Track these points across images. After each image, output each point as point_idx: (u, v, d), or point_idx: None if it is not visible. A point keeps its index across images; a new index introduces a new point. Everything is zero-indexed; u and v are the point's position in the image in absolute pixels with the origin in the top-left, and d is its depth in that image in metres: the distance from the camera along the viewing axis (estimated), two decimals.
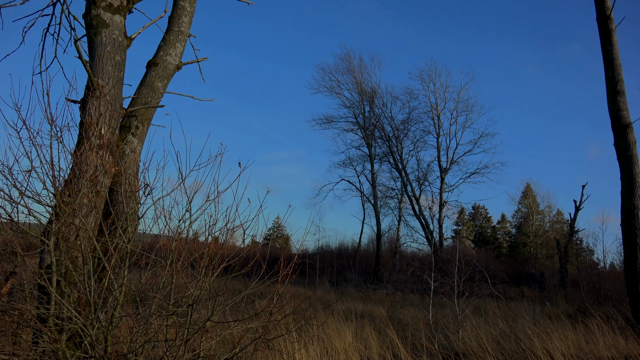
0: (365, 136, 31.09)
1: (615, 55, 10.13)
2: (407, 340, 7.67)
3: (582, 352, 7.11)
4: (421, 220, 29.36)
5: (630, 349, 7.33)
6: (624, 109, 9.92)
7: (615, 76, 10.05)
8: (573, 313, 13.10)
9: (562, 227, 44.93)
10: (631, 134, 9.78)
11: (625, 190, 9.70)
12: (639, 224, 9.50)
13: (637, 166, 9.68)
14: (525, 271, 27.73)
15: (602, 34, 10.35)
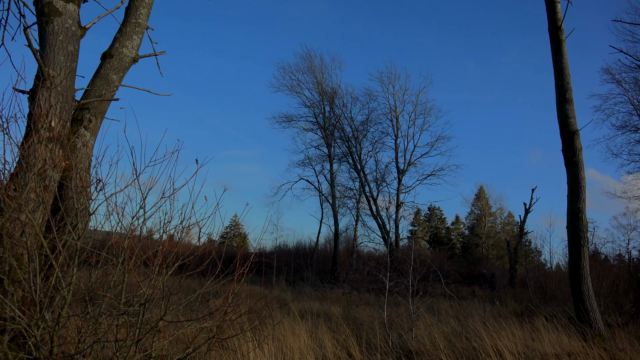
0: (325, 136, 31.20)
1: (565, 65, 10.56)
2: (362, 339, 7.75)
3: (528, 350, 7.38)
4: (378, 220, 29.73)
5: (572, 346, 7.66)
6: (572, 116, 10.36)
7: (564, 85, 10.47)
8: (521, 312, 13.59)
9: (513, 228, 46.52)
10: (578, 140, 10.23)
11: (571, 194, 10.14)
12: (584, 227, 9.95)
13: (582, 171, 10.13)
14: (477, 271, 28.55)
15: (553, 44, 10.77)
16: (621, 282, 16.17)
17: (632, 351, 7.93)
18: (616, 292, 14.38)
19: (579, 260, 9.81)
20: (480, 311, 10.81)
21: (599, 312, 9.68)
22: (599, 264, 18.45)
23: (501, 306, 15.37)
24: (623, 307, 13.11)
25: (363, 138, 31.17)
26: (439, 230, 51.49)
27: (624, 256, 31.73)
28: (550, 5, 10.81)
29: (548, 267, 27.22)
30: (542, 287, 19.16)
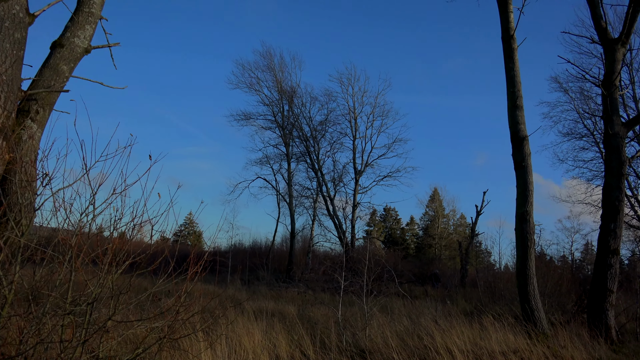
0: (283, 135, 31.11)
1: (516, 72, 10.95)
2: (316, 338, 7.77)
3: (476, 347, 7.60)
4: (335, 220, 29.91)
5: (518, 344, 7.95)
6: (522, 122, 10.75)
7: (515, 92, 10.85)
8: (471, 311, 13.99)
9: (465, 230, 47.85)
10: (527, 146, 10.63)
11: (520, 197, 10.52)
12: (531, 229, 10.35)
13: (530, 176, 10.53)
14: (430, 271, 29.20)
15: (505, 52, 11.14)
16: (564, 282, 16.91)
17: (572, 348, 8.31)
18: (559, 291, 15.02)
19: (525, 261, 10.20)
20: (432, 310, 11.05)
21: (543, 311, 10.10)
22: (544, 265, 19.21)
23: (452, 305, 15.76)
24: (565, 306, 13.70)
25: (321, 138, 31.30)
26: (394, 230, 52.31)
27: (568, 257, 33.27)
28: (504, 15, 11.18)
29: (497, 268, 28.17)
30: (491, 287, 19.78)
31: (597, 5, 11.57)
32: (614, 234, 10.79)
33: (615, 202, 10.88)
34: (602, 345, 9.20)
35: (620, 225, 10.97)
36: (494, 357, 7.17)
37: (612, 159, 11.16)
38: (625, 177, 11.38)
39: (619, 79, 12.09)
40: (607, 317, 10.38)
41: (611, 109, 11.34)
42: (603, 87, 11.51)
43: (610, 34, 11.66)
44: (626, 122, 11.79)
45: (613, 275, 10.63)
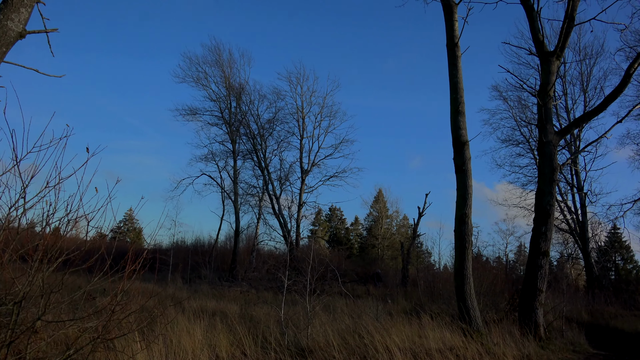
0: (230, 132, 30.68)
1: (459, 79, 11.33)
2: (258, 338, 7.72)
3: (415, 345, 7.80)
4: (280, 219, 29.84)
5: (454, 341, 8.23)
6: (463, 128, 11.14)
7: (458, 98, 11.23)
8: (410, 310, 14.34)
9: (407, 231, 49.01)
10: (467, 151, 11.02)
11: (459, 200, 10.89)
12: (469, 231, 10.74)
13: (470, 179, 10.93)
14: (372, 271, 29.71)
15: (449, 59, 11.51)
16: (499, 282, 17.68)
17: (504, 345, 8.70)
18: (494, 291, 15.68)
19: (463, 261, 10.57)
20: (374, 309, 11.24)
21: (478, 310, 10.50)
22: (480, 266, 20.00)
23: (393, 304, 16.10)
24: (499, 305, 14.31)
25: (269, 136, 31.14)
26: (338, 230, 52.80)
27: (502, 259, 34.79)
28: (449, 23, 11.55)
29: (437, 268, 29.09)
30: (430, 287, 20.38)
31: (536, 19, 12.17)
32: (545, 237, 11.39)
33: (546, 206, 11.49)
34: (531, 341, 9.69)
35: (551, 228, 11.60)
36: (431, 355, 7.39)
37: (544, 165, 11.77)
38: (556, 183, 12.04)
39: (553, 90, 12.76)
40: (536, 315, 10.94)
41: (545, 118, 11.96)
42: (539, 97, 12.12)
43: (547, 47, 12.30)
44: (558, 131, 12.47)
45: (543, 275, 11.22)
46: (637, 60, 11.95)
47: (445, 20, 11.65)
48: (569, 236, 30.68)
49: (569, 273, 34.22)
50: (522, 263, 33.64)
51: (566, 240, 32.48)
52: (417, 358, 7.21)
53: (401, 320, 9.73)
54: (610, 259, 38.35)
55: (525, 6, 12.24)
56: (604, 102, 12.16)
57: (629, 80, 11.84)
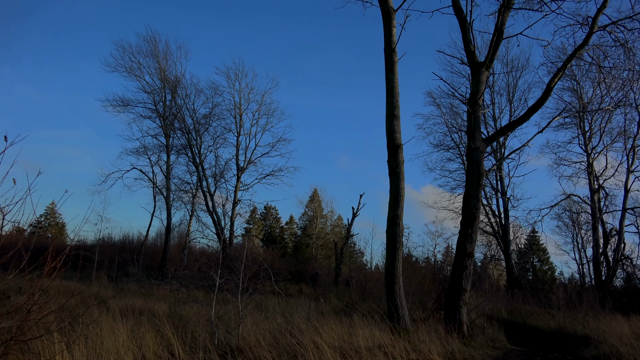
0: (164, 125, 29.73)
1: (396, 84, 11.62)
2: (187, 337, 7.53)
3: (345, 344, 7.92)
4: (214, 216, 29.30)
5: (382, 339, 8.43)
6: (397, 131, 11.43)
7: (394, 102, 11.51)
8: (342, 309, 14.57)
9: (341, 231, 49.70)
10: (401, 154, 11.33)
11: (392, 202, 11.18)
12: (400, 232, 11.05)
13: (403, 182, 11.24)
14: (306, 270, 29.88)
15: (387, 64, 11.77)
16: (427, 281, 18.36)
17: (429, 342, 9.03)
18: (422, 290, 16.26)
19: (394, 262, 10.86)
20: (306, 308, 11.30)
21: (406, 309, 10.83)
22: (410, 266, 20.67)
23: (325, 303, 16.28)
24: (426, 303, 14.85)
25: (204, 132, 30.47)
26: (273, 229, 52.65)
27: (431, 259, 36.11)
28: (387, 29, 11.81)
29: (368, 268, 29.78)
30: (362, 286, 20.80)
31: (468, 30, 12.71)
32: (470, 239, 11.93)
33: (473, 210, 12.03)
34: (455, 339, 10.12)
35: (476, 230, 12.17)
36: (360, 353, 7.52)
37: (472, 170, 12.32)
38: (482, 187, 12.66)
39: (482, 99, 13.40)
40: (460, 313, 11.43)
41: (474, 125, 12.53)
42: (469, 105, 12.68)
43: (478, 57, 12.89)
44: (486, 138, 13.11)
45: (468, 275, 11.74)
46: (557, 75, 12.80)
47: (383, 26, 11.90)
48: (492, 238, 32.37)
49: (492, 273, 36.12)
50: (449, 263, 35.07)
51: (490, 242, 34.27)
52: (347, 356, 7.32)
53: (332, 319, 9.84)
54: (529, 260, 40.89)
55: (458, 17, 12.75)
56: (527, 112, 12.92)
57: (549, 94, 12.66)
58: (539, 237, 41.56)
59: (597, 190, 27.39)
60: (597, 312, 16.89)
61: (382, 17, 11.95)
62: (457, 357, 9.01)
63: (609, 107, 25.83)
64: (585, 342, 12.29)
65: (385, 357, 7.66)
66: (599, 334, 12.61)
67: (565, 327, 15.41)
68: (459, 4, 12.64)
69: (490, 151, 29.96)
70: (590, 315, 16.11)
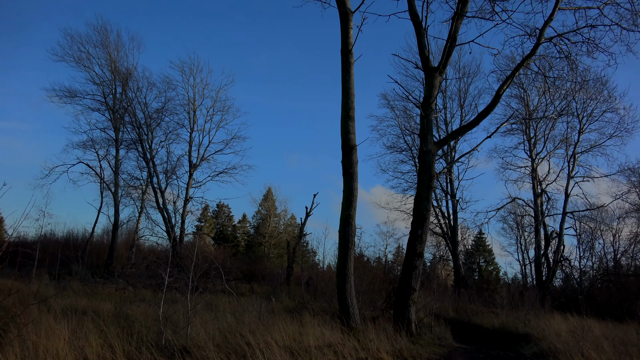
0: (114, 119, 28.73)
1: (351, 85, 11.72)
2: (133, 338, 7.31)
3: (295, 343, 7.92)
4: (164, 213, 28.58)
5: (332, 338, 8.49)
6: (352, 132, 11.54)
7: (349, 103, 11.61)
8: (293, 308, 14.55)
9: (294, 230, 49.62)
10: (355, 154, 11.44)
11: (345, 202, 11.27)
12: (352, 232, 11.15)
13: (356, 182, 11.36)
14: (257, 269, 29.67)
15: (343, 65, 11.86)
16: (377, 281, 18.61)
17: (378, 341, 9.16)
18: (373, 290, 16.47)
19: (346, 261, 10.95)
20: (257, 307, 11.21)
21: (357, 308, 10.95)
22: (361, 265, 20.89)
23: (277, 302, 16.21)
24: (377, 303, 15.06)
25: (156, 127, 29.63)
26: (225, 227, 51.96)
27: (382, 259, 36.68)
28: (345, 30, 11.90)
29: (320, 267, 29.85)
30: (314, 285, 20.87)
31: (423, 35, 12.98)
32: (421, 239, 12.19)
33: (423, 211, 12.30)
34: (404, 337, 10.32)
35: (426, 231, 12.45)
36: (310, 352, 7.54)
37: (424, 173, 12.60)
38: (433, 189, 12.96)
39: (435, 103, 13.73)
40: (409, 312, 11.66)
41: (427, 128, 12.81)
42: (422, 109, 12.95)
43: (432, 62, 13.18)
44: (438, 142, 13.43)
45: (417, 275, 11.99)
46: (506, 82, 13.28)
47: (341, 28, 11.97)
48: (441, 239, 33.26)
49: (440, 273, 37.12)
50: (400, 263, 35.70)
51: (439, 242, 35.21)
52: (296, 355, 7.32)
53: (283, 319, 9.81)
54: (475, 261, 42.28)
55: (414, 23, 13.00)
56: (477, 118, 13.34)
57: (498, 100, 13.11)
58: (485, 238, 43.07)
59: (540, 194, 28.63)
60: (538, 311, 17.65)
61: (339, 18, 12.02)
62: (405, 355, 9.19)
63: (553, 116, 27.13)
64: (526, 339, 12.83)
65: (334, 356, 7.71)
66: (538, 331, 13.19)
67: (508, 325, 16.01)
68: (415, 10, 12.89)
69: (442, 154, 30.75)
70: (531, 314, 16.80)
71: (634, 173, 27.73)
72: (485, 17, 13.67)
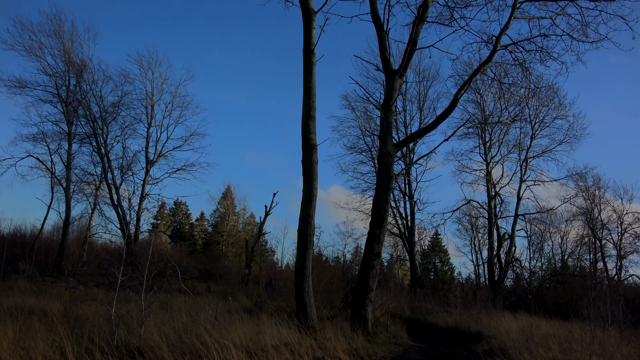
0: (67, 112, 27.66)
1: (313, 85, 11.74)
2: (83, 339, 7.08)
3: (251, 342, 7.87)
4: (118, 210, 27.78)
5: (290, 337, 8.49)
6: (313, 132, 11.56)
7: (310, 103, 11.62)
8: (251, 307, 14.44)
9: (253, 229, 49.25)
10: (315, 154, 11.47)
11: (305, 201, 11.28)
12: (312, 231, 11.18)
13: (316, 182, 11.39)
14: (215, 268, 29.27)
15: (305, 65, 11.86)
16: (335, 280, 18.73)
17: (335, 340, 9.22)
18: (331, 289, 16.56)
19: (304, 260, 10.97)
20: (214, 307, 11.07)
21: (314, 307, 10.99)
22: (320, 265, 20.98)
23: (234, 302, 16.05)
24: (334, 302, 15.15)
25: (112, 121, 28.72)
26: (182, 225, 51.03)
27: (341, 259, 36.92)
28: (307, 30, 11.90)
29: (279, 266, 29.74)
30: (272, 284, 20.81)
31: (384, 38, 13.16)
32: (379, 239, 12.35)
33: (382, 211, 12.47)
34: (360, 336, 10.44)
35: (384, 232, 12.63)
36: (267, 351, 7.51)
37: (383, 174, 12.77)
38: (391, 190, 13.16)
39: (395, 106, 13.95)
40: (366, 311, 11.80)
41: (386, 130, 12.99)
42: (382, 110, 13.12)
43: (392, 65, 13.38)
44: (397, 143, 13.64)
45: (374, 275, 12.15)
46: (463, 87, 13.64)
47: (303, 27, 11.97)
48: (399, 239, 33.77)
49: (397, 273, 37.71)
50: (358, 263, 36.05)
51: (396, 243, 35.73)
52: (253, 355, 7.28)
53: (240, 318, 9.74)
54: (431, 261, 43.19)
55: (376, 25, 13.15)
56: (435, 121, 13.64)
57: (456, 104, 13.46)
58: (441, 239, 44.06)
59: (493, 197, 29.55)
60: (489, 310, 18.23)
61: (302, 17, 12.02)
62: (361, 353, 9.30)
63: (507, 121, 28.06)
64: (478, 337, 13.22)
65: (291, 355, 7.71)
66: (490, 330, 13.62)
67: (461, 324, 16.45)
68: (377, 12, 13.05)
69: (400, 156, 31.24)
70: (483, 313, 17.33)
71: (581, 178, 29.10)
72: (445, 23, 14.00)
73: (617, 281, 26.59)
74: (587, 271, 28.67)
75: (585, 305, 12.42)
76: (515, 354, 9.25)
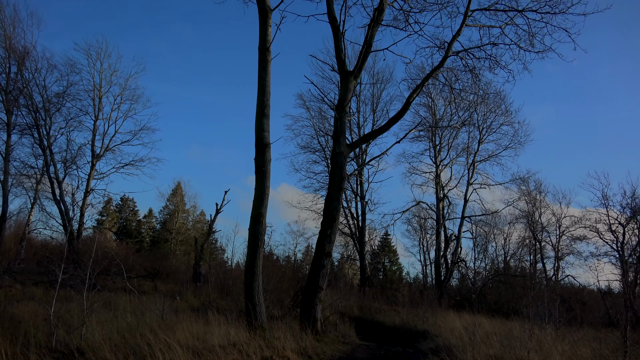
0: (6, 100, 26.22)
1: (268, 83, 11.66)
2: (19, 339, 6.73)
3: (198, 342, 7.73)
4: (61, 205, 26.60)
5: (238, 337, 8.40)
6: (266, 130, 11.49)
7: (264, 100, 11.54)
8: (199, 306, 14.19)
9: (203, 227, 48.41)
10: (268, 153, 11.40)
11: (256, 199, 11.19)
12: (263, 230, 11.10)
13: (268, 180, 11.33)
14: (162, 266, 28.55)
15: (260, 62, 11.76)
16: (286, 280, 18.72)
17: (284, 339, 9.21)
18: (281, 288, 16.53)
19: (254, 259, 10.88)
20: (160, 306, 10.79)
21: (264, 306, 10.92)
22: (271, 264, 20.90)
23: (182, 301, 15.72)
24: (284, 301, 15.13)
25: (56, 112, 27.43)
26: (129, 222, 49.51)
27: (292, 258, 36.89)
28: (263, 27, 11.81)
29: (229, 265, 29.38)
30: (221, 283, 20.51)
31: (340, 39, 13.25)
32: (330, 239, 12.42)
33: (333, 211, 12.55)
34: (309, 335, 10.46)
35: (336, 231, 12.71)
36: (214, 351, 7.40)
37: (335, 174, 12.85)
38: (344, 191, 13.27)
39: (349, 107, 14.07)
40: (315, 311, 11.84)
41: (340, 130, 13.08)
42: (336, 111, 13.20)
43: (347, 66, 13.49)
44: (350, 144, 13.77)
45: (325, 274, 12.21)
46: (416, 91, 13.94)
47: (259, 24, 11.86)
48: (349, 239, 34.12)
49: (347, 272, 38.09)
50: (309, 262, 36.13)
51: (347, 242, 36.08)
52: (200, 355, 7.15)
53: (188, 318, 9.55)
54: (381, 261, 43.88)
55: (332, 26, 13.22)
56: (388, 123, 13.86)
57: (408, 107, 13.73)
58: (390, 239, 44.90)
59: (442, 199, 30.37)
60: (435, 309, 18.70)
61: (258, 15, 11.91)
62: (310, 353, 9.33)
63: (456, 125, 28.92)
64: (424, 336, 13.55)
65: (239, 355, 7.64)
66: (435, 328, 13.99)
67: (408, 322, 16.81)
68: (333, 13, 13.11)
69: (353, 156, 31.56)
70: (429, 311, 17.76)
71: (524, 182, 30.47)
72: (399, 27, 14.27)
73: (554, 281, 27.99)
74: (528, 271, 30.05)
75: (525, 304, 13.00)
76: (459, 351, 9.55)
